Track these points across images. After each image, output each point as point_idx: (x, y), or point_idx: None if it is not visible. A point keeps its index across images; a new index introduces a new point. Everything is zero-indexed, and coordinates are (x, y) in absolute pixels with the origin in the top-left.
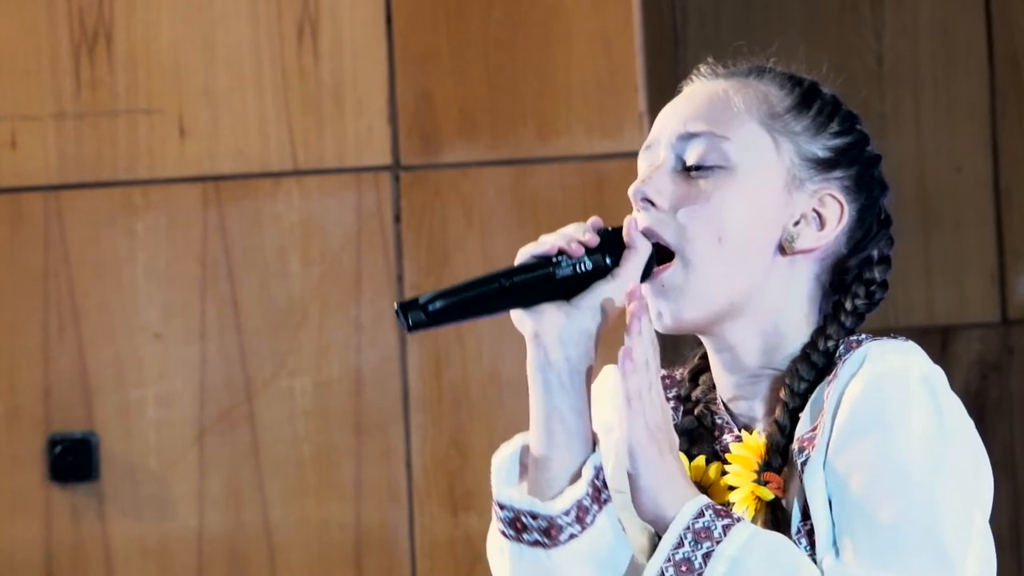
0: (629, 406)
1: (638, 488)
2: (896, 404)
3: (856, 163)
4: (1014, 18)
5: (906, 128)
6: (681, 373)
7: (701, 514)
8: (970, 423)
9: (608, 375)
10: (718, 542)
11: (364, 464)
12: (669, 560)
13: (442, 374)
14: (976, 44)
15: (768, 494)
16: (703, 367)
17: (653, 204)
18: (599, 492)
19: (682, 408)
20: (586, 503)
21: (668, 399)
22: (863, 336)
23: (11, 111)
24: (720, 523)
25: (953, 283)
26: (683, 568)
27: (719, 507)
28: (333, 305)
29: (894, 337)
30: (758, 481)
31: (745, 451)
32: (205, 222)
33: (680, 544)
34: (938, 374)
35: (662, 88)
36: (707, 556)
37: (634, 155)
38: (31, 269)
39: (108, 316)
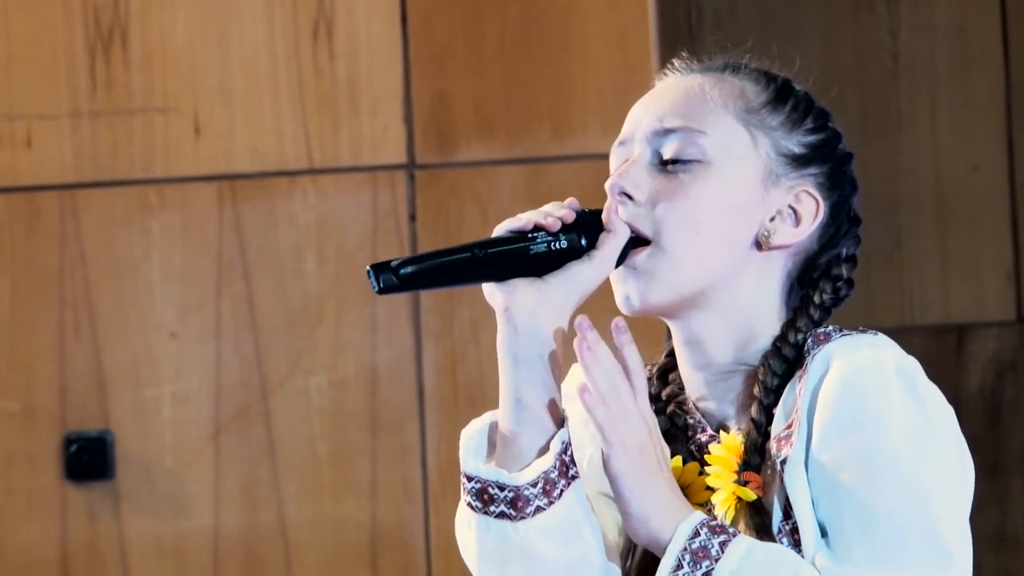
0: (605, 438)
1: (628, 514)
2: (876, 399)
3: (829, 160)
4: None
5: (922, 126)
6: (649, 370)
7: (696, 533)
8: (950, 411)
9: (577, 373)
10: (716, 560)
11: (380, 463)
12: None
13: (457, 372)
14: (992, 42)
15: (750, 495)
16: (671, 365)
17: (630, 198)
18: (567, 467)
19: (653, 407)
20: (553, 476)
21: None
22: (830, 328)
23: (27, 110)
24: (716, 540)
25: (969, 281)
26: None
27: (714, 523)
28: (349, 304)
29: (863, 331)
30: (739, 481)
31: (724, 451)
32: (221, 221)
33: (679, 566)
34: (913, 364)
35: None
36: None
37: None
38: (47, 268)
39: (124, 315)
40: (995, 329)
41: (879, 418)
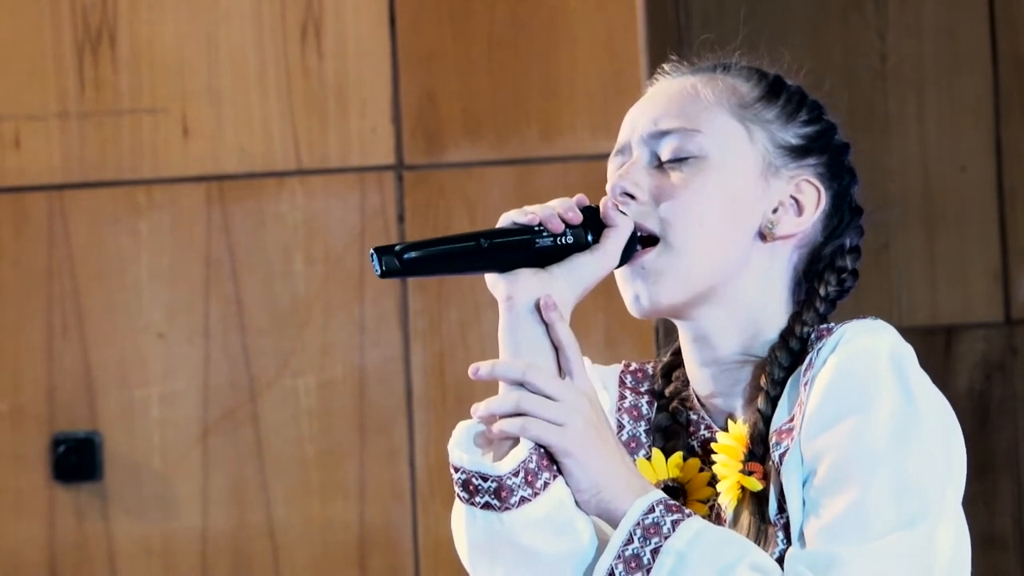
0: (550, 421)
1: (579, 489)
2: (865, 386)
3: (827, 151)
4: (1017, 17)
5: (910, 128)
6: (653, 367)
7: (651, 510)
8: (942, 401)
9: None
10: (666, 537)
11: (368, 463)
12: (619, 557)
13: (446, 373)
14: (980, 43)
15: (755, 484)
16: (675, 363)
17: (632, 197)
18: (550, 459)
19: (656, 404)
20: (531, 466)
21: (641, 392)
22: (832, 325)
23: (15, 110)
24: (670, 518)
25: (957, 283)
26: (632, 564)
27: (670, 502)
28: (337, 305)
29: (862, 318)
30: (744, 471)
31: (731, 441)
32: (209, 221)
33: (630, 540)
34: (908, 352)
35: None
36: (655, 551)
37: None
38: (35, 269)
39: (112, 316)
40: (983, 330)
41: (864, 407)
